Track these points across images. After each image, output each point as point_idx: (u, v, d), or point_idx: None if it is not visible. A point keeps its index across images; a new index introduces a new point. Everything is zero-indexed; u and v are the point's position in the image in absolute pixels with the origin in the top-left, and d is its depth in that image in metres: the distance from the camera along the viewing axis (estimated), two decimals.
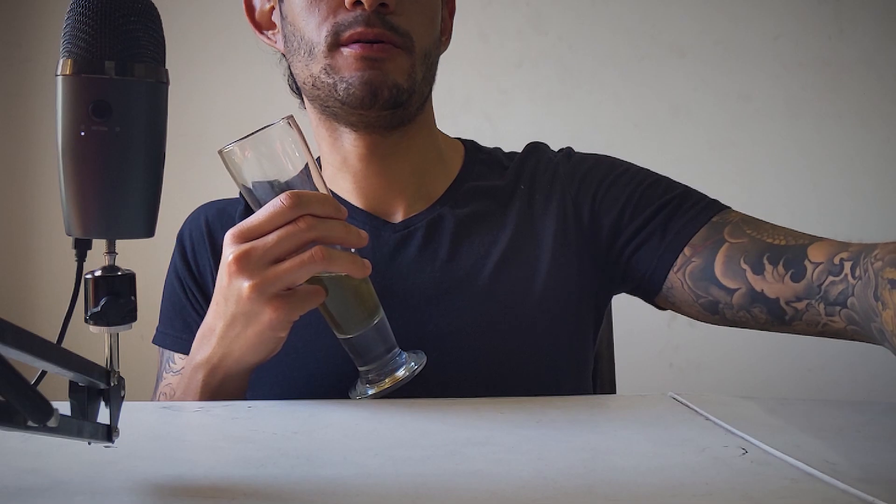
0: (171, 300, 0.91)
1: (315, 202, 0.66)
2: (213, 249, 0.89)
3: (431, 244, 0.85)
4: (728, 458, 0.53)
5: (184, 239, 0.92)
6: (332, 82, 0.80)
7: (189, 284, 0.90)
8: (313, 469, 0.51)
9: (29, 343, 0.37)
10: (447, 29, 0.91)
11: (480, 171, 0.92)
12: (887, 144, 1.92)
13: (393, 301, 0.78)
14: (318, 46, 0.79)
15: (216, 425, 0.64)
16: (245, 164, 0.68)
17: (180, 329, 0.90)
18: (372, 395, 0.72)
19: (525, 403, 0.70)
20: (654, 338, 1.89)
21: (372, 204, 0.88)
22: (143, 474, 0.49)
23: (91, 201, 0.44)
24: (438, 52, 0.87)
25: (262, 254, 0.65)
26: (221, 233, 0.87)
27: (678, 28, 1.97)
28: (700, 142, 1.95)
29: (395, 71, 0.79)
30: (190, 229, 0.92)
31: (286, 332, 0.70)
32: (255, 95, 1.98)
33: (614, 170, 0.90)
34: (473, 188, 0.90)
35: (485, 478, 0.49)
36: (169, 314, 0.91)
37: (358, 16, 0.77)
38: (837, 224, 1.90)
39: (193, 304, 0.90)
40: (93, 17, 0.43)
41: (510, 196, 0.89)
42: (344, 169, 0.88)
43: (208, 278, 0.89)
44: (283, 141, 0.68)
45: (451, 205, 0.88)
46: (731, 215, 0.83)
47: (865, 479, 0.47)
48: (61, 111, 0.43)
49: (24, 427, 0.38)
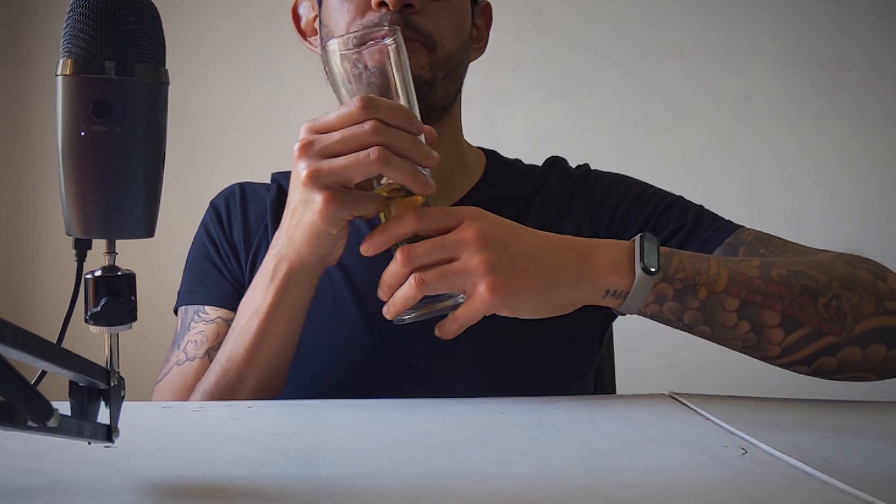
0: (201, 261, 0.94)
1: (386, 109, 0.67)
2: (245, 219, 0.93)
3: None
4: (728, 458, 0.53)
5: (219, 206, 0.96)
6: (358, 73, 0.82)
7: (223, 246, 0.93)
8: (313, 469, 0.51)
9: (29, 343, 0.37)
10: (482, 38, 0.95)
11: (501, 181, 0.95)
12: (887, 144, 1.92)
13: None
14: None
15: (216, 425, 0.64)
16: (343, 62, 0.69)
17: (212, 285, 0.92)
18: (410, 319, 0.70)
19: (525, 403, 0.70)
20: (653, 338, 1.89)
21: None
22: (143, 474, 0.49)
23: (91, 201, 0.44)
24: (467, 58, 0.90)
25: (322, 147, 0.67)
26: (253, 207, 0.94)
27: (678, 28, 1.97)
28: (700, 142, 1.95)
29: (415, 65, 0.80)
30: (226, 196, 0.97)
31: (339, 231, 0.70)
32: (255, 95, 1.98)
33: (632, 191, 0.92)
34: (492, 195, 0.92)
35: (485, 478, 0.49)
36: (198, 274, 0.93)
37: (383, 16, 0.81)
38: (837, 224, 1.90)
39: (227, 262, 0.92)
40: (93, 17, 0.43)
41: (527, 206, 0.92)
42: None
43: (239, 245, 0.92)
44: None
45: None
46: (745, 234, 0.85)
47: (865, 479, 0.47)
48: (61, 111, 0.43)
49: (24, 427, 0.38)
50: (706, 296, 0.70)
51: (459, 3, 0.88)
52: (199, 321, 0.90)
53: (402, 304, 0.67)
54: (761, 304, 0.71)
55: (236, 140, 1.99)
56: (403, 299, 0.67)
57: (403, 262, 0.66)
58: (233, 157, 1.96)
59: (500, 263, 0.67)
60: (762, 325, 0.71)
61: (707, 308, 0.71)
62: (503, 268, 0.67)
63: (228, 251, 0.92)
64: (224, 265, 0.92)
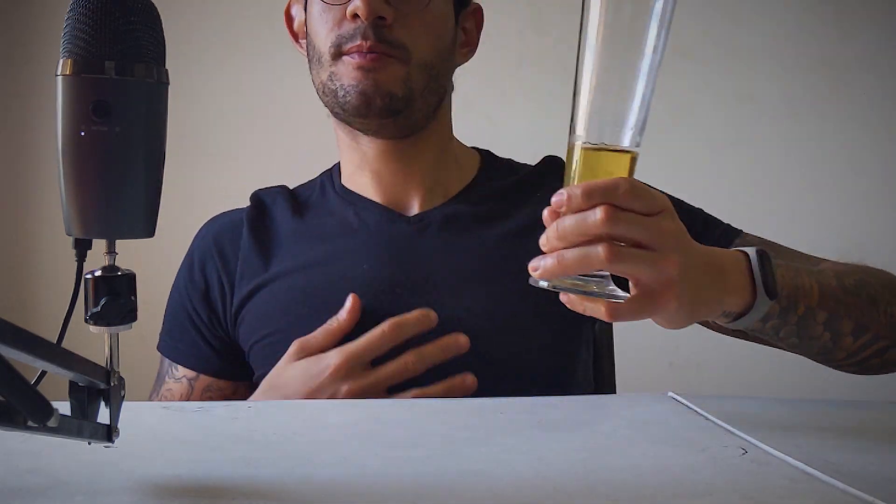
0: (179, 312, 0.94)
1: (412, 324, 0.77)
2: (226, 266, 0.92)
3: (444, 235, 0.89)
4: (728, 458, 0.53)
5: (194, 264, 0.95)
6: (335, 89, 0.85)
7: (201, 309, 0.92)
8: (313, 469, 0.51)
9: (29, 343, 0.37)
10: (471, 41, 0.95)
11: (495, 176, 0.96)
12: (887, 144, 1.92)
13: (406, 289, 0.84)
14: (325, 55, 0.85)
15: (216, 425, 0.64)
16: None
17: (178, 339, 0.93)
18: (548, 286, 0.61)
19: (525, 403, 0.70)
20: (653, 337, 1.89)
21: (390, 198, 0.92)
22: (143, 474, 0.49)
23: (91, 201, 0.44)
24: (450, 65, 0.91)
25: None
26: (230, 248, 0.93)
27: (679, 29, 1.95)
28: (700, 142, 1.95)
29: (388, 80, 0.83)
30: (201, 251, 0.95)
31: None
32: (255, 95, 1.98)
33: None
34: (489, 188, 0.94)
35: (485, 478, 0.49)
36: (177, 327, 0.94)
37: (357, 27, 0.82)
38: (839, 224, 1.90)
39: (195, 318, 0.92)
40: (93, 17, 0.43)
41: (527, 196, 0.92)
42: (363, 166, 0.92)
43: (216, 293, 0.92)
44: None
45: (465, 202, 0.92)
46: (750, 240, 0.86)
47: (865, 479, 0.47)
48: (61, 111, 0.43)
49: (24, 427, 0.38)
50: (804, 311, 0.69)
51: (437, 12, 0.87)
52: (170, 379, 0.92)
53: (575, 265, 0.57)
54: (842, 314, 0.71)
55: (236, 140, 1.99)
56: (578, 261, 0.57)
57: (604, 221, 0.56)
58: (233, 157, 1.96)
59: (684, 271, 0.59)
60: (840, 333, 0.71)
61: (802, 322, 0.70)
62: (684, 276, 0.59)
63: (205, 314, 0.92)
64: (202, 326, 0.92)
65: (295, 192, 0.98)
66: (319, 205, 0.95)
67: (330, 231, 0.91)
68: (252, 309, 0.89)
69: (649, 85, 0.58)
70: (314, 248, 0.90)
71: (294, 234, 0.92)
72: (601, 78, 0.58)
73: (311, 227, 0.92)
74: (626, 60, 0.58)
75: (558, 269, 0.57)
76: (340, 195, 0.94)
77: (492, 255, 0.88)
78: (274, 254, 0.91)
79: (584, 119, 0.59)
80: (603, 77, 0.58)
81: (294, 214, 0.93)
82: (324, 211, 0.94)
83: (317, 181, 0.99)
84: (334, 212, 0.93)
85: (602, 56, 0.58)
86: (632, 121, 0.58)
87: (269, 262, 0.90)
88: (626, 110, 0.58)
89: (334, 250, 0.89)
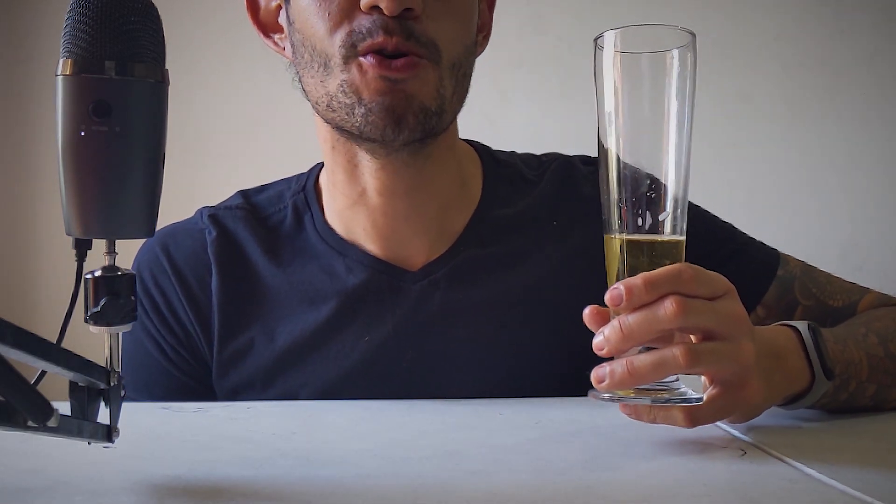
0: (144, 360, 0.79)
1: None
2: (181, 280, 0.78)
3: (456, 292, 0.77)
4: (727, 459, 0.53)
5: (149, 288, 0.79)
6: (351, 103, 0.68)
7: (168, 340, 0.78)
8: (313, 469, 0.51)
9: (29, 343, 0.37)
10: (485, 25, 0.79)
11: (504, 194, 0.82)
12: (887, 144, 1.92)
13: (417, 354, 0.75)
14: (333, 58, 0.68)
15: (216, 425, 0.64)
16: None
17: (160, 388, 0.78)
18: (607, 399, 0.55)
19: (525, 404, 0.70)
20: None
21: (390, 245, 0.77)
22: (143, 474, 0.49)
23: (91, 201, 0.44)
24: (474, 59, 0.75)
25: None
26: (188, 268, 0.78)
27: None
28: (700, 142, 1.95)
29: (421, 91, 0.67)
30: (153, 273, 0.79)
31: None
32: (256, 95, 1.98)
33: None
34: (498, 219, 0.80)
35: (485, 478, 0.49)
36: (142, 383, 0.78)
37: (376, 20, 0.66)
38: (837, 225, 1.90)
39: (176, 361, 0.78)
40: (93, 17, 0.43)
41: (541, 230, 0.80)
42: (361, 203, 0.77)
43: (188, 323, 0.78)
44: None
45: (476, 243, 0.79)
46: (792, 267, 0.81)
47: (865, 480, 0.47)
48: (61, 111, 0.43)
49: (24, 427, 0.38)
50: (855, 387, 0.66)
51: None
52: None
53: (651, 373, 0.51)
54: (889, 384, 0.68)
55: (236, 140, 1.99)
56: (654, 368, 0.50)
57: (677, 314, 0.49)
58: (232, 157, 1.96)
59: (758, 359, 0.53)
60: (886, 401, 0.69)
61: (853, 397, 0.66)
62: (758, 364, 0.54)
63: (174, 341, 0.78)
64: (174, 358, 0.78)
65: (257, 211, 0.81)
66: (297, 242, 0.79)
67: (320, 288, 0.76)
68: (233, 377, 0.77)
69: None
70: (305, 314, 0.76)
71: (276, 290, 0.77)
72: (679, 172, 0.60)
73: (294, 282, 0.77)
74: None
75: (631, 380, 0.51)
76: (326, 240, 0.78)
77: (514, 311, 0.77)
78: (256, 312, 0.77)
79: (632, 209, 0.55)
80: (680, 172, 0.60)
81: (268, 254, 0.78)
82: (306, 255, 0.78)
83: (287, 198, 0.82)
84: (318, 255, 0.78)
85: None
86: (681, 208, 0.57)
87: (250, 322, 0.77)
88: (682, 198, 0.58)
89: (328, 320, 0.76)
